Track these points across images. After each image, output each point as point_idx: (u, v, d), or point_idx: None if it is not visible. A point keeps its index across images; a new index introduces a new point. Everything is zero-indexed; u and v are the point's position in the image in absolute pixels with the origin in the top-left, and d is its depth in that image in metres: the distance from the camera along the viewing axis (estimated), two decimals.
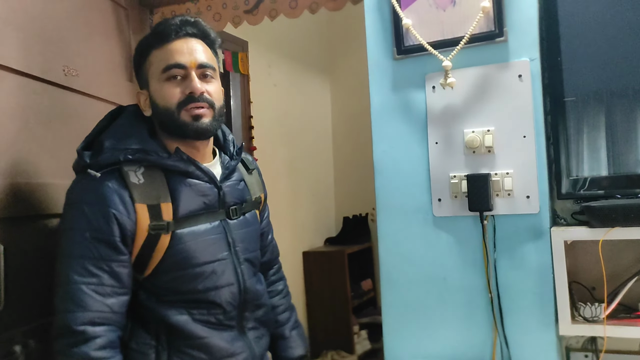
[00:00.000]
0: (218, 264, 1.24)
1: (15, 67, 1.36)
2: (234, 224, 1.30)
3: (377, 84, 1.57)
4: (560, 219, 1.47)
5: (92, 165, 1.17)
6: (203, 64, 1.23)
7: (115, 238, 1.14)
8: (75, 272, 1.12)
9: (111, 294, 1.14)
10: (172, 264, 1.19)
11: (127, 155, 1.17)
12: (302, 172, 3.73)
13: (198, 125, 1.21)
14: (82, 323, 1.11)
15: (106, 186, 1.14)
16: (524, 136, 1.41)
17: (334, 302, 3.57)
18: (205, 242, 1.23)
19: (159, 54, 1.23)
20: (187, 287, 1.20)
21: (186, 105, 1.21)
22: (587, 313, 1.37)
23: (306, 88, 3.96)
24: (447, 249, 1.49)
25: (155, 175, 1.19)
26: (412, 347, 1.52)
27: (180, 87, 1.21)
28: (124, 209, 1.15)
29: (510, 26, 1.42)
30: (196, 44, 1.25)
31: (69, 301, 1.12)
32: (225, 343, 1.24)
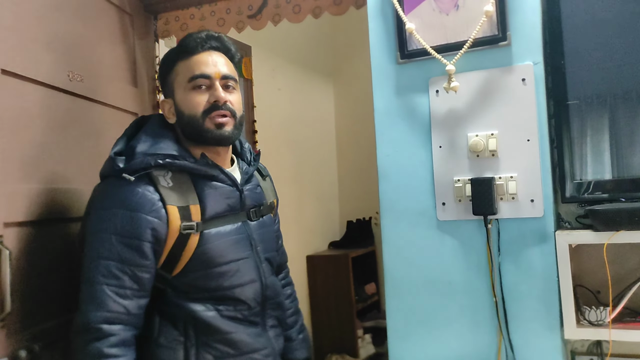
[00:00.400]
0: (242, 262, 1.32)
1: (20, 73, 1.37)
2: (253, 225, 1.38)
3: (380, 88, 1.57)
4: (564, 222, 1.47)
5: (125, 170, 1.23)
6: (226, 75, 1.33)
7: (144, 243, 1.21)
8: (100, 273, 1.19)
9: (130, 296, 1.21)
10: (200, 262, 1.26)
11: (158, 160, 1.24)
12: (306, 176, 3.73)
13: (221, 132, 1.30)
14: (99, 322, 1.17)
15: (139, 190, 1.22)
16: (527, 140, 1.41)
17: (338, 305, 3.56)
18: (229, 241, 1.31)
19: (185, 65, 1.32)
20: (214, 284, 1.28)
21: (210, 113, 1.30)
22: (592, 317, 1.37)
23: (310, 92, 3.96)
24: (451, 252, 1.49)
25: (183, 179, 1.27)
26: (417, 351, 1.52)
27: (205, 96, 1.31)
28: (156, 212, 1.22)
29: (513, 30, 1.42)
30: (219, 57, 1.35)
31: (91, 301, 1.19)
32: (250, 338, 1.31)
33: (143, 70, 2.00)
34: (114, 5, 1.83)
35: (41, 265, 1.40)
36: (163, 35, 2.16)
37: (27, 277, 1.35)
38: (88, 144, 1.64)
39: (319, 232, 3.90)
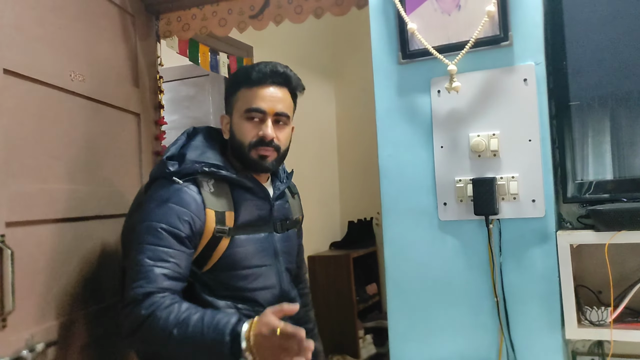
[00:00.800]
0: (265, 268, 1.45)
1: (22, 73, 1.37)
2: (279, 237, 1.51)
3: (382, 89, 1.57)
4: (565, 222, 1.47)
5: (175, 173, 1.37)
6: (279, 113, 1.45)
7: (184, 234, 1.32)
8: (148, 256, 1.28)
9: (174, 278, 1.30)
10: (228, 263, 1.39)
11: (204, 168, 1.38)
12: (307, 177, 3.73)
13: (263, 164, 1.44)
14: (148, 292, 1.25)
15: (186, 192, 1.35)
16: (529, 140, 1.41)
17: (339, 306, 3.56)
18: (256, 248, 1.43)
19: (247, 93, 1.44)
20: (238, 285, 1.40)
21: (256, 147, 1.43)
22: (594, 317, 1.37)
23: (311, 93, 3.94)
24: (452, 252, 1.49)
25: (223, 187, 1.41)
26: (418, 350, 1.52)
27: (257, 129, 1.43)
28: (197, 212, 1.34)
29: (515, 30, 1.42)
30: (279, 92, 1.46)
31: (139, 278, 1.27)
32: None
33: (144, 70, 2.01)
34: (115, 6, 1.83)
35: (43, 265, 1.41)
36: (165, 35, 2.17)
37: (29, 277, 1.35)
38: (90, 144, 1.64)
39: (320, 233, 3.90)
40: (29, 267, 1.35)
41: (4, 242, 1.25)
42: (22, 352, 1.28)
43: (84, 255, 1.57)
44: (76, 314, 1.51)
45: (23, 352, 1.28)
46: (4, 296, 1.25)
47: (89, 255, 1.60)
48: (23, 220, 1.34)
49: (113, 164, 1.75)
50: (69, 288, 1.50)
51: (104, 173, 1.69)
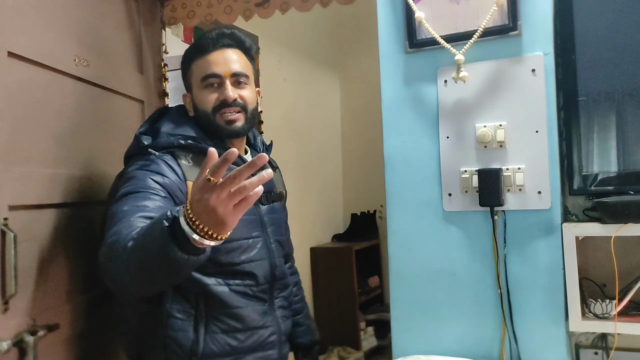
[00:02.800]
0: (253, 240, 1.40)
1: (27, 56, 1.36)
2: (264, 209, 1.47)
3: (388, 78, 1.56)
4: (571, 215, 1.46)
5: (150, 146, 1.34)
6: (236, 73, 1.42)
7: (165, 195, 1.26)
8: (126, 205, 1.21)
9: (152, 209, 1.22)
10: None
11: (180, 141, 1.35)
12: (311, 168, 3.73)
13: (231, 129, 1.41)
14: (127, 235, 1.12)
15: (164, 162, 1.31)
16: (536, 131, 1.40)
17: (340, 298, 3.57)
18: (242, 221, 1.28)
19: (199, 64, 1.43)
20: (226, 259, 1.34)
21: (220, 110, 1.40)
22: (598, 310, 1.36)
23: (315, 83, 3.95)
24: (457, 243, 1.48)
25: (201, 161, 1.29)
26: (421, 342, 1.52)
27: (216, 93, 1.41)
28: (178, 182, 1.30)
29: (524, 20, 1.41)
30: (231, 54, 1.43)
31: (118, 225, 1.16)
32: (257, 315, 1.38)
33: (149, 57, 2.00)
34: None
35: (46, 249, 1.40)
36: (170, 22, 2.15)
37: (32, 261, 1.35)
38: (93, 130, 1.63)
39: (323, 225, 3.90)
40: (32, 250, 1.35)
41: (7, 225, 1.24)
42: (24, 335, 1.28)
43: (87, 241, 1.56)
44: (79, 298, 1.51)
45: (25, 335, 1.28)
46: (6, 279, 1.24)
47: (92, 240, 1.59)
48: (26, 204, 1.33)
49: (117, 150, 1.74)
50: (71, 272, 1.50)
51: (107, 159, 1.68)
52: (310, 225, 3.69)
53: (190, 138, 1.37)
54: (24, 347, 1.28)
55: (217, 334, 1.33)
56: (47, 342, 1.37)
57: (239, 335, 1.35)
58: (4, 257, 1.24)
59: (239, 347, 1.35)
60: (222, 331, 1.34)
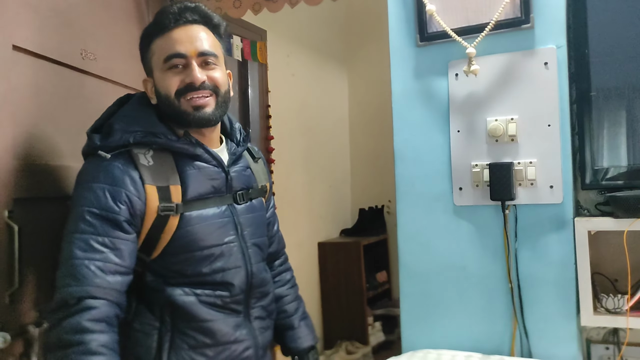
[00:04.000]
0: (226, 247, 1.24)
1: (33, 50, 1.36)
2: (241, 208, 1.30)
3: (399, 71, 1.55)
4: (583, 209, 1.45)
5: (102, 147, 1.18)
6: (204, 52, 1.23)
7: (122, 217, 1.14)
8: (79, 247, 1.11)
9: (114, 272, 1.13)
10: (180, 246, 1.20)
11: (136, 138, 1.18)
12: (319, 163, 3.72)
13: (199, 115, 1.22)
14: (80, 296, 1.08)
15: (116, 167, 1.16)
16: (548, 125, 1.39)
17: (348, 293, 3.57)
18: (213, 225, 1.23)
19: (160, 43, 1.24)
20: (194, 270, 1.21)
21: (185, 94, 1.22)
22: (610, 304, 1.35)
23: (324, 78, 3.94)
24: (467, 238, 1.48)
25: (165, 158, 1.21)
26: (430, 336, 1.51)
27: (181, 75, 1.22)
28: (134, 189, 1.15)
29: (536, 12, 1.40)
30: (198, 31, 1.24)
31: (70, 276, 1.10)
32: (229, 328, 1.24)
33: None
34: None
35: (50, 242, 1.40)
36: None
37: (35, 253, 1.35)
38: None
39: (331, 219, 3.90)
40: (36, 243, 1.35)
41: (11, 217, 1.24)
42: (28, 327, 1.28)
43: None
44: None
45: (29, 328, 1.28)
46: (10, 272, 1.25)
47: None
48: (30, 197, 1.33)
49: None
50: None
51: None
52: (318, 220, 3.69)
53: (149, 133, 1.20)
54: (28, 338, 1.28)
55: (184, 350, 1.19)
56: None
57: (207, 351, 1.21)
58: (9, 250, 1.24)
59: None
60: (190, 347, 1.20)
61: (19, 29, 1.31)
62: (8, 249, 1.24)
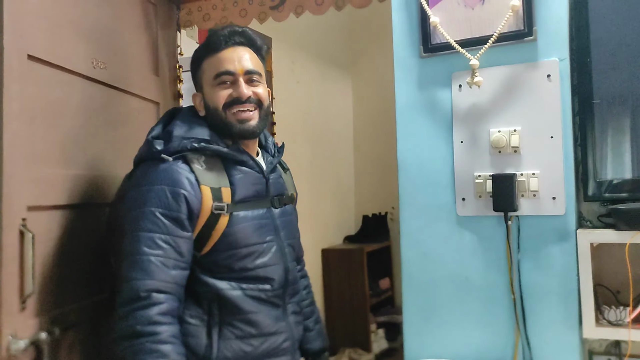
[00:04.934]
0: (266, 245, 1.38)
1: (46, 59, 1.38)
2: (277, 212, 1.45)
3: (403, 82, 1.56)
4: (585, 221, 1.46)
5: (163, 152, 1.31)
6: (250, 71, 1.39)
7: (183, 215, 1.27)
8: (145, 244, 1.23)
9: (174, 266, 1.25)
10: (228, 242, 1.32)
11: (193, 144, 1.32)
12: (323, 170, 3.74)
13: (243, 127, 1.38)
14: (149, 290, 1.21)
15: (175, 170, 1.29)
16: (551, 137, 1.40)
17: (352, 300, 3.57)
18: (256, 225, 1.37)
19: (211, 62, 1.40)
20: (240, 265, 1.33)
21: (231, 106, 1.37)
22: (612, 316, 1.36)
23: (328, 86, 3.96)
24: (470, 248, 1.48)
25: (215, 163, 1.35)
26: (433, 346, 1.52)
27: (229, 90, 1.38)
28: (191, 190, 1.28)
29: (539, 25, 1.41)
30: (244, 52, 1.41)
31: (138, 270, 1.22)
32: (271, 321, 1.36)
33: (165, 59, 2.01)
34: None
35: (63, 250, 1.42)
36: (185, 25, 2.17)
37: (49, 261, 1.37)
38: (110, 132, 1.65)
39: (335, 226, 3.90)
40: (49, 251, 1.37)
41: (26, 225, 1.26)
42: (40, 334, 1.30)
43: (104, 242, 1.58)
44: (95, 298, 1.53)
45: (41, 334, 1.30)
46: (24, 279, 1.26)
47: None
48: (44, 205, 1.35)
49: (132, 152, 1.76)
50: (88, 273, 1.52)
51: (124, 161, 1.70)
52: (322, 226, 3.70)
53: (203, 140, 1.34)
54: (40, 345, 1.30)
55: (231, 339, 1.31)
56: (64, 342, 1.39)
57: (252, 341, 1.33)
58: (23, 257, 1.26)
59: (253, 353, 1.33)
60: (236, 337, 1.32)
61: (33, 39, 1.33)
62: (22, 257, 1.26)
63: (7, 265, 1.22)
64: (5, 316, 1.22)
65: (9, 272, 1.23)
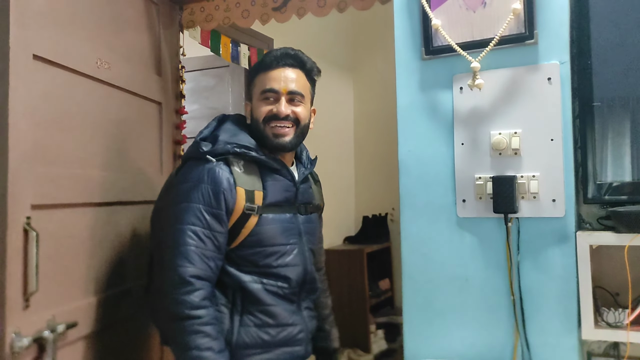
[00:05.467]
0: (290, 247, 1.51)
1: (51, 59, 1.39)
2: (302, 218, 1.58)
3: (404, 84, 1.57)
4: (585, 223, 1.47)
5: (209, 153, 1.45)
6: (292, 91, 1.53)
7: (222, 213, 1.41)
8: (188, 236, 1.38)
9: (212, 258, 1.41)
10: (255, 240, 1.46)
11: (235, 149, 1.46)
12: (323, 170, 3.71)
13: (278, 141, 1.52)
14: (192, 275, 1.36)
15: (219, 171, 1.43)
16: (551, 139, 1.41)
17: (351, 300, 3.58)
18: (282, 227, 1.50)
19: (261, 78, 1.54)
20: (264, 261, 1.47)
21: (269, 121, 1.51)
22: (611, 318, 1.37)
23: (329, 86, 3.96)
24: (470, 250, 1.49)
25: (252, 168, 1.49)
26: (432, 346, 1.53)
27: (271, 106, 1.52)
28: (229, 189, 1.43)
29: (540, 28, 1.42)
30: (292, 73, 1.54)
31: (182, 258, 1.37)
32: (287, 313, 1.50)
33: (167, 59, 2.03)
34: None
35: (67, 248, 1.44)
36: (188, 25, 2.18)
37: (53, 259, 1.38)
38: (113, 131, 1.66)
39: (335, 227, 3.91)
40: (53, 249, 1.38)
41: (30, 224, 1.28)
42: (43, 332, 1.31)
43: (106, 240, 1.60)
44: (97, 296, 1.54)
45: (45, 332, 1.31)
46: (27, 277, 1.28)
47: (111, 239, 1.62)
48: (48, 204, 1.36)
49: (135, 151, 1.77)
50: (90, 271, 1.53)
51: (126, 160, 1.71)
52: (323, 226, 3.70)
53: (244, 147, 1.47)
54: (43, 343, 1.31)
55: (251, 327, 1.44)
56: (66, 339, 1.40)
57: (270, 330, 1.46)
58: (26, 255, 1.27)
59: (270, 341, 1.46)
60: (255, 325, 1.45)
61: (39, 39, 1.34)
62: (26, 255, 1.27)
63: (11, 263, 1.23)
64: (9, 313, 1.23)
65: (12, 270, 1.24)
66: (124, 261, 1.68)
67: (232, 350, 1.42)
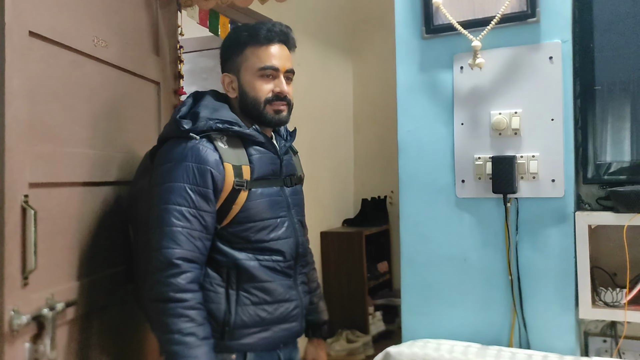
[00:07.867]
0: (280, 220, 1.49)
1: (47, 36, 1.37)
2: (289, 190, 1.55)
3: (404, 64, 1.56)
4: (584, 204, 1.47)
5: (191, 131, 1.40)
6: (290, 70, 1.52)
7: (209, 190, 1.38)
8: (174, 216, 1.35)
9: (200, 237, 1.37)
10: (246, 216, 1.43)
11: (217, 125, 1.42)
12: (322, 153, 3.73)
13: (279, 118, 1.51)
14: (178, 257, 1.33)
15: (204, 148, 1.39)
16: (551, 119, 1.40)
17: (350, 282, 3.59)
18: (271, 201, 1.48)
19: (256, 52, 1.49)
20: (257, 237, 1.45)
21: (272, 102, 1.49)
22: (608, 298, 1.37)
23: (329, 68, 3.94)
24: (468, 230, 1.49)
25: (236, 143, 1.45)
26: (430, 326, 1.53)
27: (270, 85, 1.48)
28: (217, 166, 1.39)
29: (543, 7, 1.40)
30: (285, 50, 1.53)
31: (168, 239, 1.34)
32: (283, 289, 1.48)
33: (165, 39, 2.00)
34: None
35: (65, 227, 1.43)
36: (186, 4, 2.16)
37: (51, 237, 1.37)
38: (110, 110, 1.65)
39: (334, 209, 3.91)
40: (51, 227, 1.37)
41: (27, 202, 1.27)
42: (42, 310, 1.31)
43: (104, 219, 1.59)
44: (95, 275, 1.54)
45: (43, 310, 1.31)
46: (26, 255, 1.27)
47: (109, 219, 1.62)
48: (46, 182, 1.35)
49: (133, 131, 1.76)
50: (89, 250, 1.52)
51: (124, 140, 1.70)
52: (321, 209, 3.70)
53: (227, 122, 1.44)
54: (42, 321, 1.31)
55: (248, 305, 1.42)
56: (65, 317, 1.40)
57: (267, 307, 1.45)
58: (25, 233, 1.27)
59: (268, 318, 1.44)
60: (252, 303, 1.43)
61: (35, 15, 1.32)
62: (24, 233, 1.26)
63: (9, 241, 1.23)
64: (8, 291, 1.23)
65: (11, 248, 1.23)
66: (121, 241, 1.67)
67: (230, 331, 1.41)
